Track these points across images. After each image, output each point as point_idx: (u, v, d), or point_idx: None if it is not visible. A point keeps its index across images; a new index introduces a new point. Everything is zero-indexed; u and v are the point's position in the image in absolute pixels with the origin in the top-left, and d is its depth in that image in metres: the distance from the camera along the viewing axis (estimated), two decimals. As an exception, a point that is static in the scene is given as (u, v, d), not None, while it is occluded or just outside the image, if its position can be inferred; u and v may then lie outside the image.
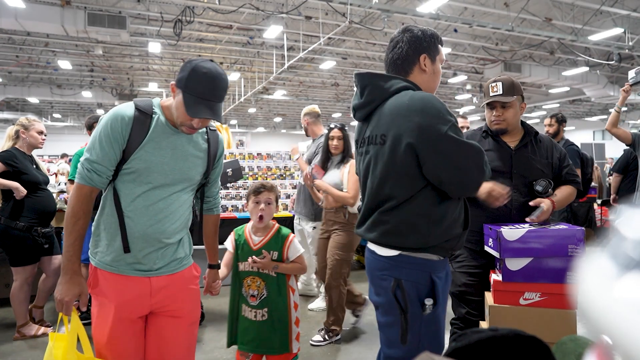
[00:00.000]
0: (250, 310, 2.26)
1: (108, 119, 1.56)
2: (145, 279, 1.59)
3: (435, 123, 1.49)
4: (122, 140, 1.54)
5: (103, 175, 1.54)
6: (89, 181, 1.53)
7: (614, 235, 0.55)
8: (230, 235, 2.37)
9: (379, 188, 1.62)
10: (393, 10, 9.05)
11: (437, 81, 1.72)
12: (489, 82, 2.35)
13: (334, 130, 3.52)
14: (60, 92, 17.04)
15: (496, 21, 10.17)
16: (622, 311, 0.48)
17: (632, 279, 0.49)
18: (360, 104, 1.71)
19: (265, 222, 2.28)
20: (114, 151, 1.53)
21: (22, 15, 8.45)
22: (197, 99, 1.52)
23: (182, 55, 13.64)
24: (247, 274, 2.28)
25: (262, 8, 9.36)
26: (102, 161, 1.53)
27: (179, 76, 1.56)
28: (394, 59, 1.67)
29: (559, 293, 1.94)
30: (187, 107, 1.52)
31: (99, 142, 1.54)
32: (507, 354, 0.75)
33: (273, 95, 18.89)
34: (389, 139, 1.57)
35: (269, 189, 2.28)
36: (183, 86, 1.53)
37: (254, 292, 2.26)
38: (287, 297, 2.29)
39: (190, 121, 1.56)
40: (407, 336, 1.52)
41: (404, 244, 1.55)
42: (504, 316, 1.98)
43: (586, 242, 1.99)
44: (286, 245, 2.29)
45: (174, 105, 1.58)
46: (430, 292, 1.56)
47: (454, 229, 1.59)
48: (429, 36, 1.67)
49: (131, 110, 1.57)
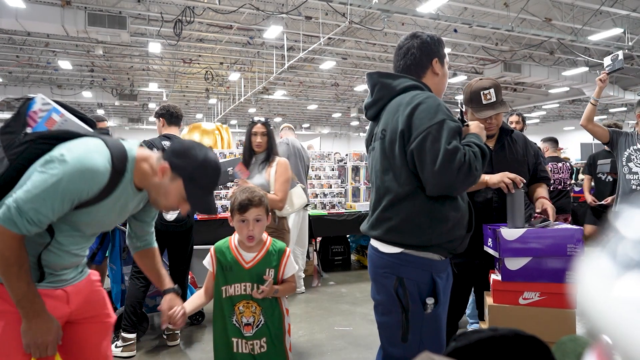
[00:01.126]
0: (245, 342, 1.87)
1: (76, 172, 1.30)
2: (59, 290, 1.51)
3: (424, 117, 1.51)
4: (82, 198, 1.34)
5: (44, 228, 1.33)
6: (25, 231, 1.29)
7: (613, 234, 0.55)
8: (209, 253, 1.95)
9: (381, 182, 1.65)
10: (393, 10, 9.05)
11: (445, 82, 1.79)
12: (479, 88, 2.24)
13: (256, 125, 3.14)
14: (60, 92, 17.01)
15: (496, 21, 10.17)
16: (622, 311, 0.48)
17: (632, 278, 0.49)
18: (370, 103, 1.76)
19: (257, 240, 1.91)
20: (69, 207, 1.34)
21: (23, 15, 8.44)
22: (202, 192, 1.46)
23: (182, 55, 13.65)
24: (239, 299, 1.87)
25: (262, 8, 9.36)
26: (52, 217, 1.32)
27: (179, 163, 1.43)
28: (407, 64, 1.72)
29: (558, 293, 1.94)
30: (192, 200, 1.45)
31: (59, 196, 1.29)
32: (507, 353, 0.76)
33: (273, 95, 18.89)
34: (388, 133, 1.62)
35: (256, 204, 1.85)
36: (187, 177, 1.43)
37: (249, 320, 1.87)
38: (282, 321, 1.93)
39: (178, 207, 1.48)
40: (408, 335, 1.53)
41: (407, 242, 1.57)
42: (504, 316, 1.98)
43: (585, 241, 2.00)
44: (283, 261, 1.94)
45: (165, 190, 1.45)
46: (432, 292, 1.57)
47: (457, 230, 1.60)
48: (437, 41, 1.75)
49: (105, 166, 1.35)
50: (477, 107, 2.25)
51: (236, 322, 1.88)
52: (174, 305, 1.69)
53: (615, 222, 0.54)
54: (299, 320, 3.93)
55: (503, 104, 2.25)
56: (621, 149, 3.57)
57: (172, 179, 1.43)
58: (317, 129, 29.07)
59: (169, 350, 3.25)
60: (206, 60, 14.29)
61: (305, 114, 24.89)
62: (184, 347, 3.32)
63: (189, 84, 18.21)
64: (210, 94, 19.32)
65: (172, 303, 1.70)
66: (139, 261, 1.78)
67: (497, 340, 0.76)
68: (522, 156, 2.33)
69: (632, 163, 3.50)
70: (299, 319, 3.96)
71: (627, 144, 3.55)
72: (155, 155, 1.51)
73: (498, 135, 2.35)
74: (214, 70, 15.26)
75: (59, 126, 1.51)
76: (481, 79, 2.32)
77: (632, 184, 3.48)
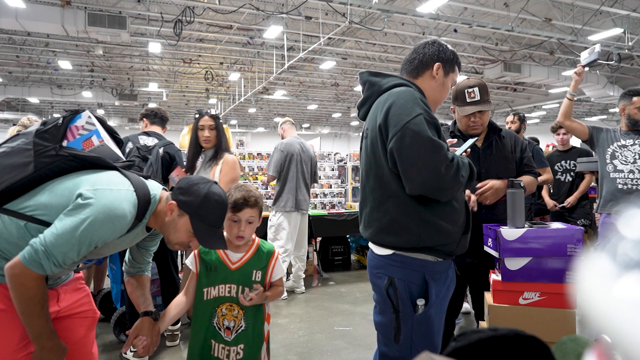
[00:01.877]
0: (222, 347, 1.76)
1: (106, 219, 1.32)
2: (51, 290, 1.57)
3: (401, 112, 1.47)
4: (106, 241, 1.38)
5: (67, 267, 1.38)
6: (49, 272, 1.32)
7: (613, 235, 0.55)
8: (192, 252, 1.84)
9: (366, 181, 1.65)
10: (393, 10, 9.04)
11: (443, 95, 1.74)
12: (463, 86, 2.30)
13: (203, 118, 2.85)
14: (60, 92, 17.02)
15: (496, 21, 10.17)
16: (623, 311, 0.48)
17: (632, 278, 0.49)
18: (360, 102, 1.75)
19: (246, 241, 1.81)
20: (93, 249, 1.37)
21: (23, 15, 8.44)
22: (209, 229, 1.49)
23: (182, 55, 13.64)
24: (223, 301, 1.77)
25: (262, 8, 9.36)
26: (77, 259, 1.35)
27: (186, 199, 1.48)
28: (410, 58, 1.72)
29: (558, 293, 1.94)
30: (200, 237, 1.49)
31: (86, 242, 1.31)
32: (507, 353, 0.75)
33: (273, 95, 18.88)
34: (369, 132, 1.61)
35: (252, 205, 1.75)
36: (193, 212, 1.47)
37: (230, 324, 1.76)
38: (262, 328, 1.80)
39: (189, 242, 1.52)
40: (400, 336, 1.52)
41: (397, 244, 1.55)
42: (504, 316, 1.99)
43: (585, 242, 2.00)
44: (271, 263, 1.83)
45: (175, 226, 1.49)
46: (423, 293, 1.55)
47: (450, 232, 1.55)
48: (451, 52, 1.74)
49: (132, 214, 1.39)
50: (461, 104, 2.32)
51: (216, 324, 1.76)
52: (142, 332, 1.64)
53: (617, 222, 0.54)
54: (299, 320, 3.93)
55: (486, 103, 2.29)
56: (603, 146, 3.28)
57: (180, 215, 1.48)
58: (317, 129, 29.07)
59: (168, 351, 3.25)
60: (206, 60, 14.28)
61: (305, 114, 24.88)
62: (184, 348, 3.32)
63: (189, 84, 18.21)
64: (210, 94, 19.31)
65: (140, 330, 1.64)
66: (127, 284, 1.78)
67: (497, 340, 0.76)
68: (509, 153, 2.36)
69: (617, 160, 3.20)
70: (299, 319, 3.96)
71: (609, 141, 3.27)
72: (165, 194, 1.54)
73: (486, 134, 2.38)
74: (214, 70, 15.25)
75: (93, 149, 1.54)
76: (468, 78, 2.38)
77: (618, 183, 3.17)
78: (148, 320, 1.66)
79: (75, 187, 1.38)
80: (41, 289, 1.33)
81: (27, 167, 1.42)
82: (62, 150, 1.45)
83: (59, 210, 1.35)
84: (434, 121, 1.50)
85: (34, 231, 1.37)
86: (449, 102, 2.37)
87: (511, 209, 2.07)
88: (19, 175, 1.41)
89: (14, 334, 1.39)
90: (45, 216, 1.38)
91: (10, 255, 1.37)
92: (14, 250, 1.36)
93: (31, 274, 1.29)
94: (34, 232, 1.37)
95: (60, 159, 1.44)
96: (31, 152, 1.43)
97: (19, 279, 1.29)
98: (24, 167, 1.42)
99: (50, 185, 1.43)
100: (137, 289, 1.76)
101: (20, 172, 1.42)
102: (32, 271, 1.29)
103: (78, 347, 1.65)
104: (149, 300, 1.74)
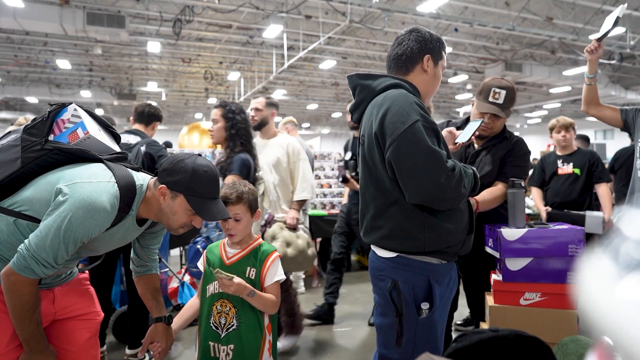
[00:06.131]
0: (216, 345, 1.72)
1: (85, 214, 1.29)
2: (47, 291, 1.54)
3: (396, 120, 1.43)
4: (92, 237, 1.36)
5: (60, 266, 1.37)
6: (42, 275, 1.31)
7: (615, 235, 0.55)
8: (202, 254, 1.89)
9: (366, 188, 1.61)
10: (393, 9, 9.04)
11: (436, 85, 1.69)
12: (493, 84, 2.20)
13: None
14: (59, 92, 17.00)
15: (497, 20, 10.16)
16: (624, 311, 0.47)
17: (634, 279, 0.48)
18: (352, 106, 1.70)
19: (239, 238, 1.80)
20: (80, 246, 1.36)
21: (21, 14, 8.44)
22: (207, 201, 1.46)
23: (181, 54, 13.64)
24: (217, 297, 1.74)
25: (261, 7, 9.35)
26: (67, 257, 1.34)
27: (175, 179, 1.43)
28: (398, 54, 1.64)
29: (559, 293, 1.93)
30: (200, 211, 1.45)
31: (71, 240, 1.30)
32: (508, 354, 0.75)
33: (273, 95, 18.89)
34: (366, 139, 1.57)
35: (234, 202, 1.74)
36: (186, 190, 1.43)
37: (222, 320, 1.74)
38: (256, 335, 1.73)
39: (191, 222, 1.49)
40: (402, 339, 1.50)
41: (402, 248, 1.52)
42: (505, 316, 1.98)
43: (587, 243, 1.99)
44: (267, 263, 1.78)
45: (172, 210, 1.45)
46: (428, 296, 1.53)
47: (454, 234, 1.53)
48: (436, 39, 1.66)
49: (113, 206, 1.35)
50: (482, 99, 2.21)
51: (213, 323, 1.74)
52: (156, 338, 1.69)
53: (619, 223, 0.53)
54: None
55: (505, 109, 2.18)
56: (639, 130, 2.48)
57: (174, 197, 1.44)
58: (317, 129, 29.07)
59: (181, 351, 3.24)
60: (205, 59, 14.27)
61: (305, 113, 24.88)
62: (183, 348, 3.31)
63: (188, 84, 18.20)
64: (209, 93, 19.31)
65: (155, 336, 1.70)
66: (137, 285, 1.78)
67: (498, 341, 0.75)
68: (498, 158, 2.22)
69: None
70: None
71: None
72: (152, 181, 1.51)
73: (489, 139, 2.29)
74: (214, 69, 15.24)
75: (79, 142, 1.51)
76: (504, 78, 2.28)
77: None
78: (162, 325, 1.71)
79: (57, 181, 1.37)
80: (34, 294, 1.33)
81: (15, 163, 1.42)
82: (47, 145, 1.44)
83: (42, 205, 1.34)
84: (432, 126, 1.46)
85: (23, 228, 1.36)
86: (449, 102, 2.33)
87: (512, 209, 2.05)
88: (7, 172, 1.41)
89: (4, 335, 1.39)
90: (30, 211, 1.37)
91: (2, 255, 1.37)
92: (5, 249, 1.36)
93: (25, 280, 1.29)
94: (23, 229, 1.36)
95: (45, 153, 1.43)
96: (19, 148, 1.43)
97: (15, 287, 1.30)
98: (11, 163, 1.42)
99: (36, 180, 1.42)
100: (147, 292, 1.76)
101: (9, 169, 1.42)
102: (25, 277, 1.29)
103: (84, 350, 1.62)
104: (162, 304, 1.76)
